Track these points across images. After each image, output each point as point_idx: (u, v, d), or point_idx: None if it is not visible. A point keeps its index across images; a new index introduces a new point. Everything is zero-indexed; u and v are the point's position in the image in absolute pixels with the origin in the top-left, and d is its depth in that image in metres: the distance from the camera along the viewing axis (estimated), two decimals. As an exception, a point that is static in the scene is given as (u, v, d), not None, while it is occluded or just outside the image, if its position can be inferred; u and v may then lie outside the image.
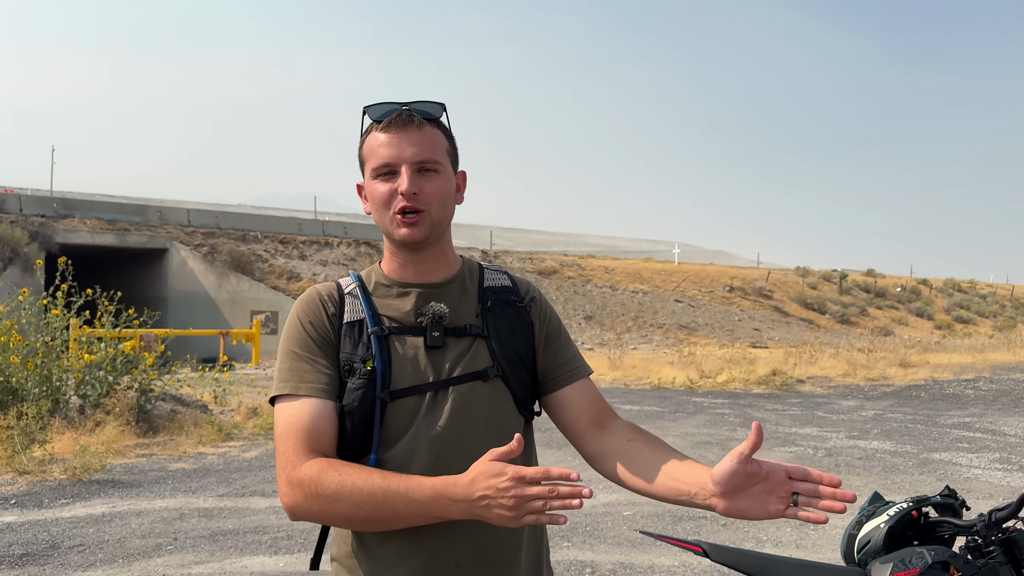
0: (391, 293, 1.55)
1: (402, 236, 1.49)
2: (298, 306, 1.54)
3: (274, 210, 58.24)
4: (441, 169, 1.51)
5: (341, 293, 1.56)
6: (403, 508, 1.32)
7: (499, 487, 1.24)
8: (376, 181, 1.50)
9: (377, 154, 1.49)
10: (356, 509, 1.33)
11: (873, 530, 2.20)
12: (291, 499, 1.38)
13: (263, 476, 7.34)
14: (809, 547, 5.24)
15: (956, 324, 43.10)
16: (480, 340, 1.54)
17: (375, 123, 1.51)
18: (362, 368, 1.46)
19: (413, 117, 1.49)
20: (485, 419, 1.51)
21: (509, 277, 1.66)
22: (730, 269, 46.76)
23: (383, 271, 1.59)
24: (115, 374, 9.21)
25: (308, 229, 32.71)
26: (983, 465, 8.03)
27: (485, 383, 1.52)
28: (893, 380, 17.47)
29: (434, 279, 1.56)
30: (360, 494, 1.32)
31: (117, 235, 26.68)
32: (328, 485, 1.34)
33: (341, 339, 1.50)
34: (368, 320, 1.51)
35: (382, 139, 1.49)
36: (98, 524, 5.70)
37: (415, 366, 1.49)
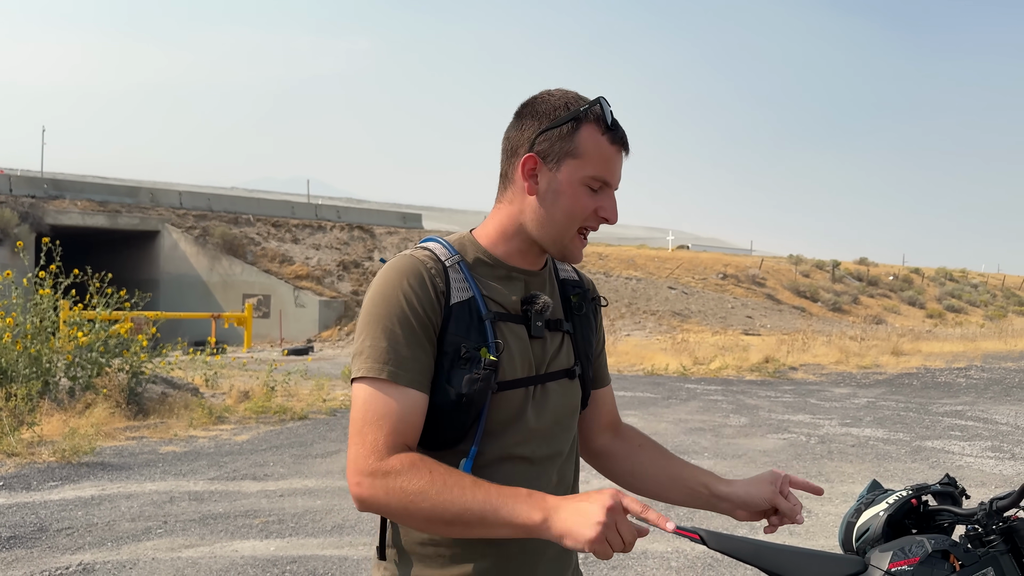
0: (495, 274, 1.44)
1: (572, 256, 1.45)
2: (400, 275, 1.36)
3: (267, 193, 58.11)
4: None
5: (444, 266, 1.40)
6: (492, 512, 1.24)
7: (591, 498, 1.20)
8: (584, 188, 1.39)
9: (603, 164, 1.39)
10: (441, 510, 1.25)
11: (872, 518, 2.17)
12: (371, 491, 1.28)
13: (254, 460, 7.30)
14: (803, 534, 5.24)
15: (948, 313, 43.26)
16: (568, 336, 1.51)
17: (604, 127, 1.39)
18: (478, 357, 1.35)
19: (627, 141, 1.43)
20: (570, 416, 1.50)
21: (574, 270, 1.61)
22: (724, 256, 46.81)
23: (483, 246, 1.46)
24: (106, 356, 9.15)
25: (301, 212, 32.58)
26: (975, 453, 8.05)
27: (571, 381, 1.50)
28: (885, 368, 17.52)
29: (535, 266, 1.49)
30: (448, 495, 1.24)
31: (108, 217, 26.53)
32: (415, 482, 1.26)
33: (449, 319, 1.37)
34: (479, 302, 1.39)
35: (610, 151, 1.39)
36: (87, 507, 5.65)
37: (521, 357, 1.41)
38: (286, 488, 6.28)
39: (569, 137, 1.38)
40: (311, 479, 6.59)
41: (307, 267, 27.63)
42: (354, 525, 5.29)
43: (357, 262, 28.64)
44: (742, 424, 9.68)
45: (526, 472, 1.39)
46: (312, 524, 5.31)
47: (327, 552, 4.76)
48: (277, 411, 9.72)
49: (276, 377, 11.11)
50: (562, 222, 1.40)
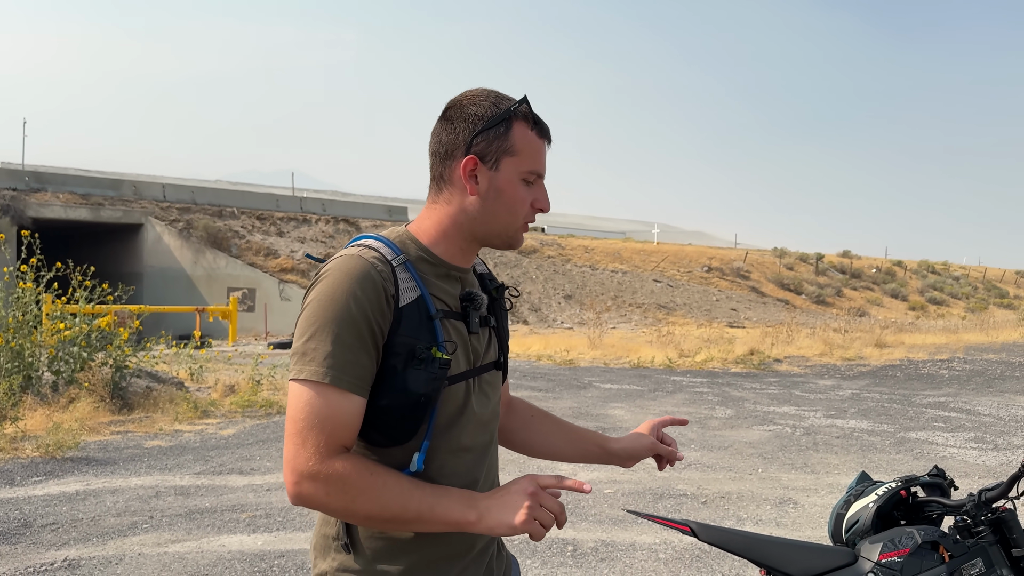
0: (436, 273, 1.49)
1: (519, 245, 1.53)
2: (350, 280, 1.36)
3: (251, 186, 57.61)
4: None
5: (391, 267, 1.41)
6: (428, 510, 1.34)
7: (511, 488, 1.33)
8: (520, 183, 1.47)
9: (534, 158, 1.47)
10: (381, 508, 1.33)
11: (861, 510, 2.18)
12: (310, 490, 1.32)
13: (240, 454, 7.26)
14: (789, 525, 5.27)
15: (930, 305, 43.61)
16: (492, 330, 1.58)
17: (531, 123, 1.47)
18: (432, 356, 1.38)
19: (550, 134, 1.52)
20: (495, 407, 1.58)
21: (481, 260, 1.68)
22: (708, 249, 46.96)
23: (424, 245, 1.49)
24: (89, 350, 9.07)
25: (286, 205, 32.39)
26: (958, 444, 8.12)
27: (497, 371, 1.58)
28: (869, 360, 17.64)
29: (468, 264, 1.55)
30: (389, 494, 1.32)
31: (91, 210, 26.28)
32: (357, 482, 1.32)
33: (400, 321, 1.39)
34: (427, 302, 1.43)
35: (539, 145, 1.48)
36: (72, 502, 5.61)
37: (464, 352, 1.49)
38: (273, 482, 6.25)
39: (504, 136, 1.44)
40: (298, 473, 6.56)
41: (292, 260, 27.50)
42: (342, 519, 5.28)
43: (342, 255, 28.54)
44: (728, 416, 9.73)
45: (470, 461, 1.48)
46: (299, 518, 5.29)
47: (315, 546, 4.74)
48: (263, 405, 9.67)
49: (262, 371, 11.05)
50: (506, 218, 1.47)
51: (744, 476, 6.64)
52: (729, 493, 6.05)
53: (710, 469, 6.83)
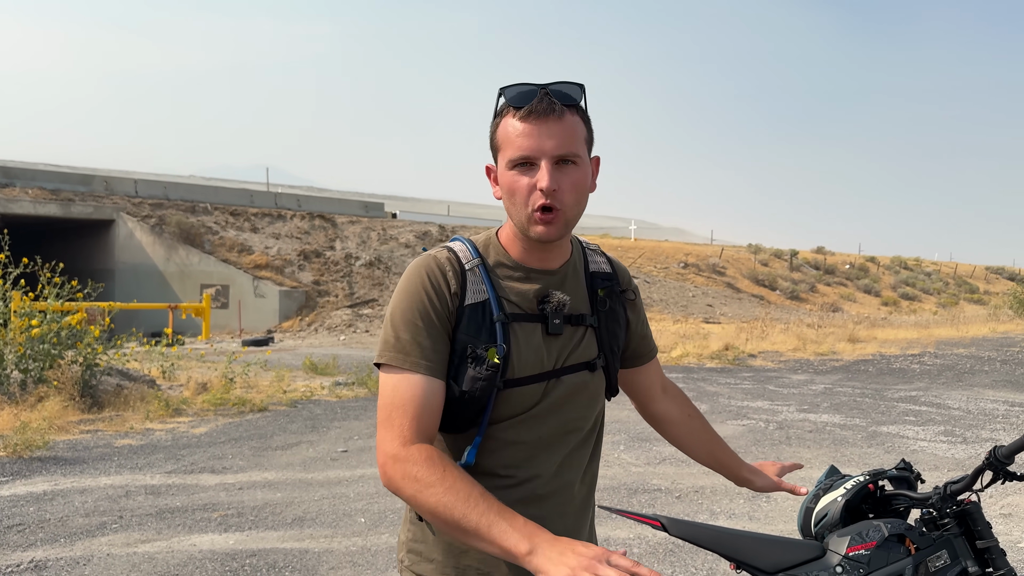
0: (513, 276, 1.52)
1: (538, 235, 1.46)
2: (419, 273, 1.48)
3: (224, 181, 57.12)
4: (580, 161, 1.46)
5: (462, 268, 1.50)
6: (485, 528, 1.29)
7: (578, 545, 1.22)
8: (513, 172, 1.45)
9: (515, 144, 1.43)
10: (442, 508, 1.33)
11: (830, 503, 2.19)
12: (391, 472, 1.38)
13: (212, 452, 7.19)
14: (762, 519, 5.30)
15: (902, 301, 44.14)
16: (591, 330, 1.58)
17: (513, 108, 1.45)
18: (487, 358, 1.45)
19: (554, 105, 1.42)
20: (587, 406, 1.58)
21: (609, 261, 1.69)
22: (685, 246, 47.22)
23: (503, 248, 1.55)
24: (59, 348, 8.94)
25: (260, 201, 32.12)
26: (929, 438, 8.22)
27: (591, 373, 1.57)
28: (842, 355, 17.82)
29: (554, 265, 1.56)
30: (452, 497, 1.32)
31: (61, 205, 25.89)
32: (427, 475, 1.34)
33: (464, 319, 1.47)
34: (493, 304, 1.48)
35: (521, 128, 1.43)
36: (39, 502, 5.52)
37: (534, 355, 1.50)
38: (245, 481, 6.19)
39: (493, 135, 1.49)
40: (271, 472, 6.51)
41: (267, 256, 27.28)
42: (314, 518, 5.24)
43: (319, 251, 28.34)
44: (703, 411, 9.78)
45: (530, 455, 1.50)
46: (272, 517, 5.25)
47: (287, 545, 4.70)
48: (236, 403, 9.59)
49: (235, 368, 10.96)
50: (513, 209, 1.48)
51: (718, 471, 6.67)
52: (703, 488, 6.08)
53: (684, 464, 6.86)
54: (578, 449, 1.59)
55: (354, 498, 5.69)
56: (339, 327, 23.40)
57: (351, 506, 5.50)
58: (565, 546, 1.23)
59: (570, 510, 1.60)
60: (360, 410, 9.61)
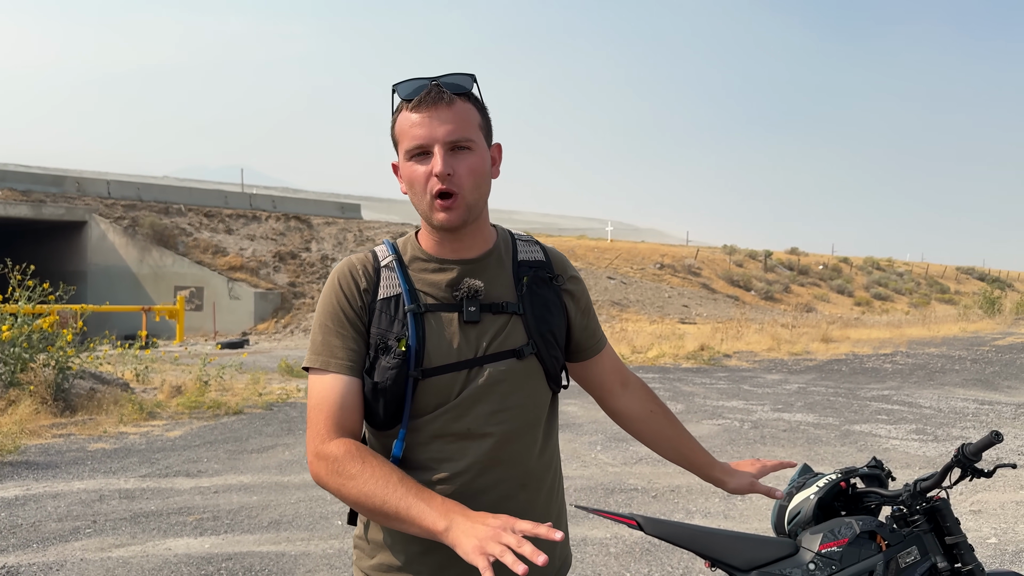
0: (428, 268, 1.55)
1: (440, 221, 1.48)
2: (333, 277, 1.55)
3: (198, 182, 56.60)
4: (474, 146, 1.48)
5: (377, 265, 1.56)
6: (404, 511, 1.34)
7: (490, 518, 1.26)
8: (411, 163, 1.48)
9: (409, 135, 1.46)
10: (365, 497, 1.37)
11: (803, 501, 2.23)
12: (316, 469, 1.44)
13: (187, 456, 7.13)
14: (737, 517, 5.35)
15: (875, 301, 44.65)
16: (516, 318, 1.56)
17: (405, 102, 1.48)
18: (396, 347, 1.48)
19: (443, 93, 1.45)
20: (518, 395, 1.55)
21: (542, 249, 1.68)
22: (661, 247, 47.46)
23: (419, 244, 1.58)
24: (30, 351, 8.82)
25: (235, 202, 31.86)
26: (901, 436, 8.34)
27: (520, 360, 1.55)
28: (815, 355, 18.01)
29: (471, 254, 1.56)
30: (372, 486, 1.37)
31: (32, 207, 25.53)
32: (347, 468, 1.39)
33: (375, 314, 1.51)
34: (405, 296, 1.52)
35: (414, 119, 1.46)
36: (10, 508, 5.45)
37: (450, 343, 1.51)
38: (220, 484, 6.15)
39: (392, 133, 1.53)
40: (246, 475, 6.47)
41: (241, 258, 27.07)
42: (291, 521, 5.22)
43: (294, 253, 28.16)
44: (679, 411, 9.84)
45: (461, 448, 1.50)
46: (248, 520, 5.22)
47: (263, 548, 4.68)
48: (211, 406, 9.51)
49: (210, 371, 10.87)
50: (416, 200, 1.51)
51: (694, 470, 6.72)
52: (679, 487, 6.12)
53: (660, 464, 6.91)
54: (520, 438, 1.56)
55: (331, 500, 5.67)
56: (315, 329, 23.26)
57: (328, 508, 5.49)
58: (477, 519, 1.27)
59: (512, 508, 1.54)
60: (337, 412, 9.57)
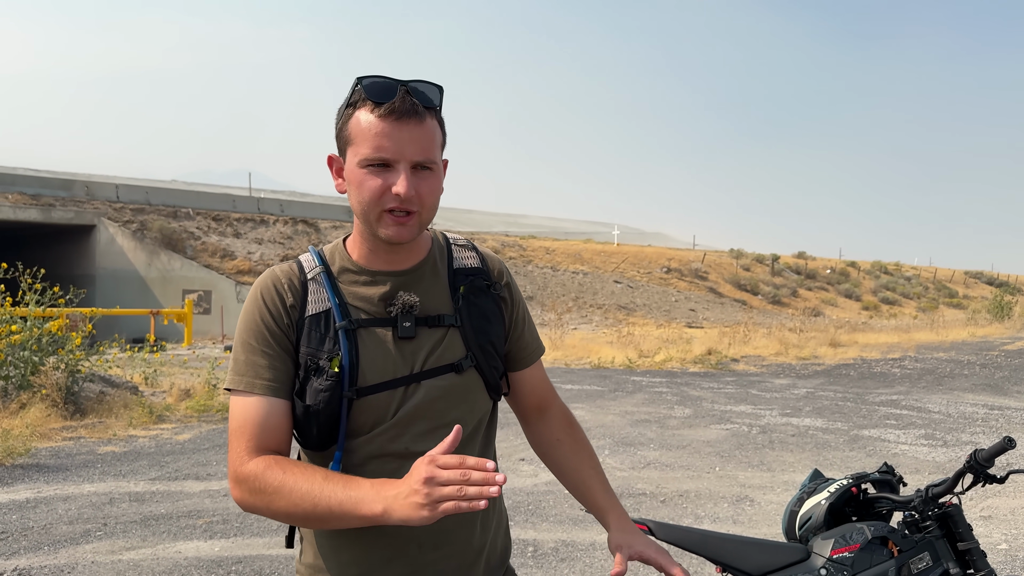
0: (359, 281, 1.46)
1: (388, 236, 1.38)
2: (256, 291, 1.44)
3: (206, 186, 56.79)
4: (435, 168, 1.39)
5: (304, 279, 1.45)
6: (337, 507, 1.27)
7: (413, 475, 1.19)
8: (365, 171, 1.35)
9: (373, 143, 1.34)
10: (294, 506, 1.30)
11: (814, 507, 2.23)
12: (236, 493, 1.37)
13: (196, 459, 7.16)
14: (746, 522, 5.34)
15: (882, 305, 44.52)
16: (454, 330, 1.48)
17: (372, 103, 1.34)
18: (328, 368, 1.39)
19: (416, 107, 1.34)
20: (457, 410, 1.47)
21: (478, 254, 1.58)
22: (667, 251, 47.42)
23: (349, 254, 1.48)
24: (40, 354, 8.87)
25: (242, 206, 31.97)
26: (909, 441, 8.31)
27: (459, 375, 1.47)
28: (823, 359, 17.96)
29: (405, 265, 1.47)
30: (300, 491, 1.29)
31: (41, 210, 25.66)
32: (270, 482, 1.32)
33: (304, 332, 1.41)
34: (335, 312, 1.42)
35: (380, 127, 1.33)
36: (22, 510, 5.48)
37: (385, 360, 1.42)
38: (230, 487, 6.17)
39: (344, 126, 1.39)
40: (256, 477, 6.49)
41: (249, 262, 27.14)
42: (301, 523, 5.24)
43: (301, 257, 28.26)
44: (686, 415, 9.83)
45: (399, 467, 1.36)
46: (257, 524, 5.23)
47: (273, 552, 4.69)
48: (219, 409, 9.54)
49: (218, 374, 10.90)
50: (359, 209, 1.38)
51: (702, 474, 6.72)
52: (687, 491, 6.12)
53: (669, 468, 6.90)
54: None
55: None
56: (323, 332, 23.31)
57: (337, 512, 5.50)
58: (402, 484, 1.21)
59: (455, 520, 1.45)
60: (345, 416, 9.59)
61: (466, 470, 1.15)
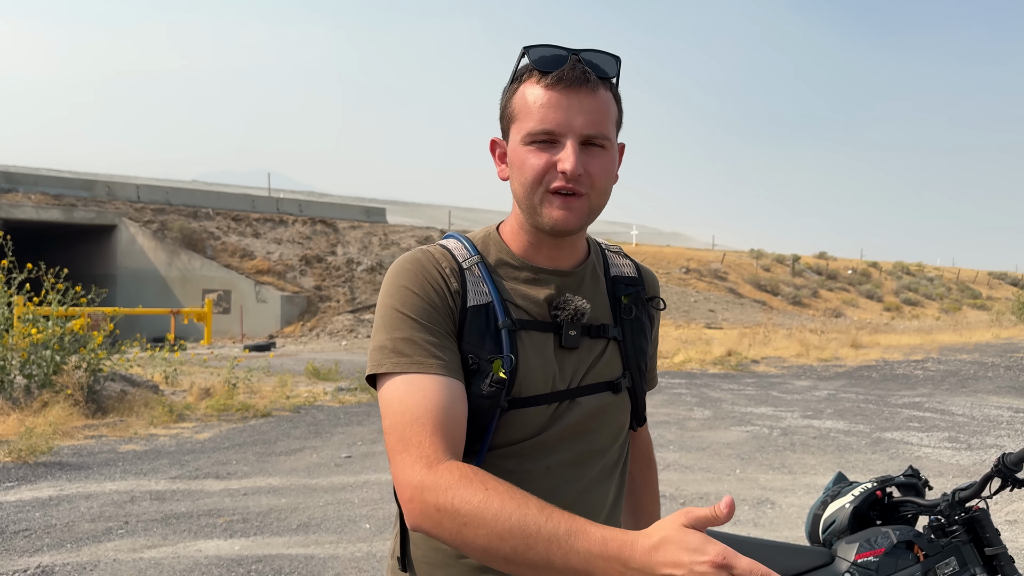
0: (519, 277, 1.28)
1: (553, 221, 1.22)
2: (409, 269, 1.24)
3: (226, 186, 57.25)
4: (609, 145, 1.23)
5: (460, 267, 1.26)
6: (560, 557, 0.98)
7: (695, 569, 0.90)
8: (530, 147, 1.21)
9: (537, 116, 1.20)
10: (500, 541, 1.01)
11: (838, 510, 2.20)
12: (418, 506, 1.08)
13: (216, 458, 7.20)
14: (767, 525, 5.30)
15: (904, 306, 44.10)
16: (614, 344, 1.32)
17: (539, 73, 1.21)
18: (491, 371, 1.20)
19: (588, 75, 1.20)
20: (607, 435, 1.32)
21: (634, 264, 1.44)
22: (686, 251, 47.24)
23: (506, 244, 1.31)
24: (62, 353, 8.95)
25: (262, 206, 32.17)
26: (933, 444, 8.22)
27: (615, 395, 1.32)
28: (845, 361, 17.81)
29: (567, 264, 1.31)
30: (509, 523, 1.00)
31: (64, 211, 25.96)
32: (470, 500, 1.03)
33: (466, 324, 1.22)
34: (498, 308, 1.24)
35: (547, 98, 1.19)
36: (45, 508, 5.53)
37: (544, 371, 1.25)
38: (250, 486, 6.20)
39: (508, 102, 1.26)
40: (275, 477, 6.51)
41: (268, 262, 27.31)
42: (319, 523, 5.25)
43: (320, 256, 28.36)
44: (706, 417, 9.78)
45: (535, 486, 1.16)
46: (277, 523, 5.25)
47: (292, 551, 4.71)
48: (239, 408, 9.60)
49: (238, 374, 10.96)
50: (521, 191, 1.24)
51: (722, 477, 6.67)
52: (707, 494, 6.08)
53: (688, 470, 6.86)
54: (597, 485, 1.31)
55: (358, 504, 5.70)
56: (341, 332, 23.40)
57: (356, 512, 5.51)
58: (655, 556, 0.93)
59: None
60: (363, 416, 9.62)
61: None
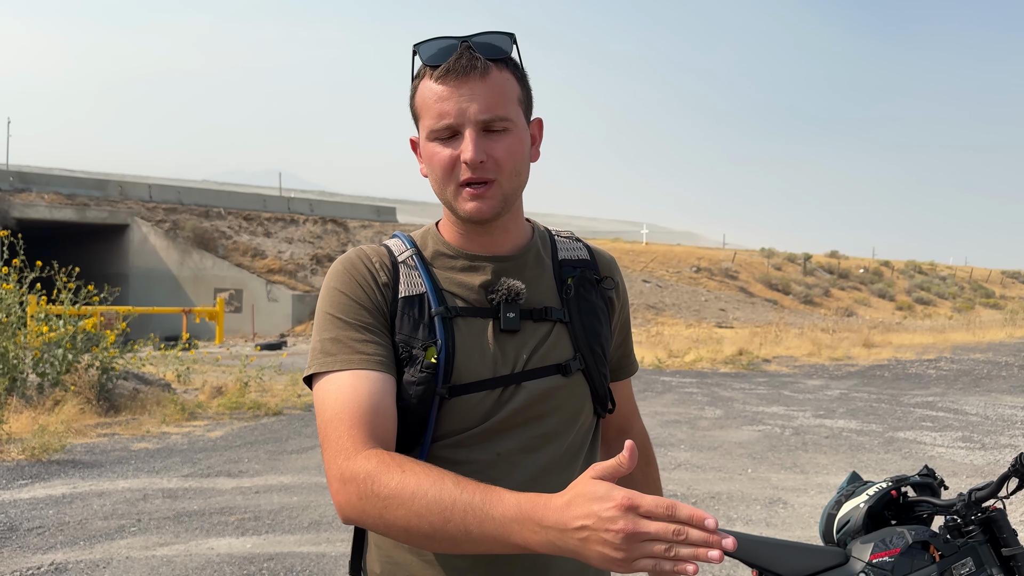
0: (455, 265, 1.29)
1: (468, 212, 1.23)
2: (339, 270, 1.27)
3: (237, 186, 57.47)
4: (512, 126, 1.22)
5: (393, 260, 1.29)
6: (476, 526, 1.01)
7: (603, 515, 0.92)
8: (434, 144, 1.22)
9: (433, 110, 1.20)
10: (418, 519, 1.04)
11: (853, 510, 2.18)
12: (343, 497, 1.11)
13: (228, 456, 7.22)
14: (779, 525, 5.27)
15: (917, 305, 43.85)
16: (561, 326, 1.31)
17: (428, 68, 1.22)
18: (423, 358, 1.21)
19: (476, 61, 1.19)
20: (559, 419, 1.29)
21: (586, 248, 1.42)
22: (697, 250, 47.11)
23: (443, 237, 1.32)
24: (75, 352, 9.00)
25: (273, 206, 32.28)
26: (946, 444, 8.16)
27: (566, 378, 1.29)
28: (857, 360, 17.72)
29: (505, 250, 1.31)
30: (426, 499, 1.04)
31: (76, 210, 26.12)
32: (387, 483, 1.07)
33: (397, 316, 1.24)
34: (431, 296, 1.25)
35: (439, 91, 1.20)
36: (58, 505, 5.56)
37: (483, 356, 1.25)
38: (261, 485, 6.21)
39: (411, 103, 1.27)
40: (287, 475, 6.53)
41: (279, 261, 27.40)
42: (331, 522, 5.26)
43: (331, 256, 28.44)
44: (717, 416, 9.75)
45: (485, 476, 1.15)
46: (288, 521, 5.26)
47: (304, 549, 4.72)
48: (251, 407, 9.63)
49: (249, 372, 11.00)
50: (436, 187, 1.26)
51: (734, 476, 6.65)
52: (719, 493, 6.05)
53: (700, 469, 6.84)
54: (558, 472, 1.27)
55: (370, 502, 5.70)
56: (352, 331, 23.48)
57: (367, 510, 5.51)
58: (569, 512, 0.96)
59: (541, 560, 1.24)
60: (374, 414, 9.64)
61: (680, 526, 0.91)
